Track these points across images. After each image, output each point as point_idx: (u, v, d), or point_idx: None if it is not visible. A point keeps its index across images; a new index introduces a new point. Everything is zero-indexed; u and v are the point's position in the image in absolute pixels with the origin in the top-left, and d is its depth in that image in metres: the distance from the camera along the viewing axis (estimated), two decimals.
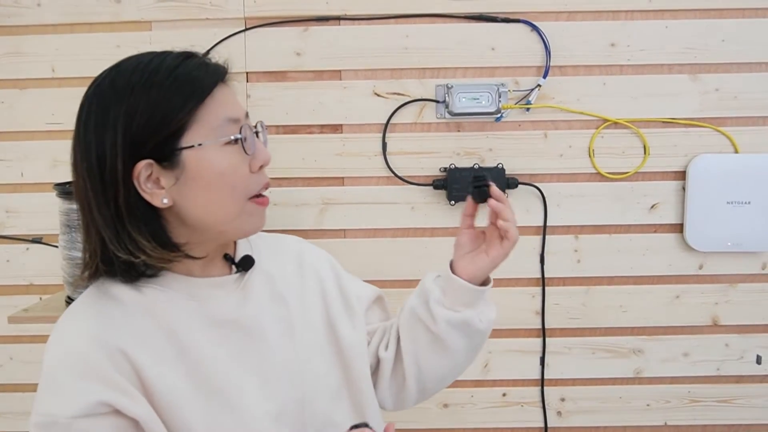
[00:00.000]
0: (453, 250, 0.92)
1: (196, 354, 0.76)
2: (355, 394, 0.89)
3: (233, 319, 0.80)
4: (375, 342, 0.97)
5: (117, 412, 0.70)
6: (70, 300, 1.35)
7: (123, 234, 0.73)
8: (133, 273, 0.76)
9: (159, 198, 0.73)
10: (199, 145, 0.73)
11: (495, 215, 0.88)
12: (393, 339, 0.96)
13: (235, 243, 0.88)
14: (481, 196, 0.87)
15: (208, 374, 0.76)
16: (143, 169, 0.72)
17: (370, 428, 0.73)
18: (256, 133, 0.81)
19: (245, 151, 0.76)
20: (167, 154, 0.72)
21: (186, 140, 0.73)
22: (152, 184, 0.73)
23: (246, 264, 0.85)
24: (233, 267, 0.85)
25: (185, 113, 0.72)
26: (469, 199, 0.90)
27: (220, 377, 0.77)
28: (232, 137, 0.75)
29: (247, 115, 0.80)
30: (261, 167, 0.79)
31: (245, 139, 0.76)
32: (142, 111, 0.71)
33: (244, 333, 0.81)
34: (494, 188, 0.86)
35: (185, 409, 0.73)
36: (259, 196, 0.79)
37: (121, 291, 0.77)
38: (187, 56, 0.76)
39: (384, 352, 0.95)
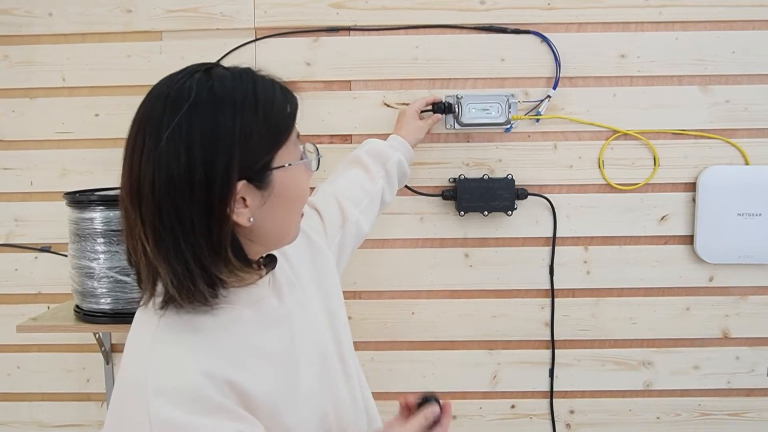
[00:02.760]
0: (407, 121, 1.36)
1: (275, 358, 0.80)
2: (345, 363, 0.95)
3: (281, 315, 0.84)
4: (357, 225, 1.13)
5: None
6: (78, 309, 1.35)
7: (222, 257, 0.72)
8: (211, 298, 0.74)
9: (245, 217, 0.73)
10: (289, 165, 0.75)
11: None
12: (375, 207, 1.19)
13: None
14: (443, 111, 1.43)
15: (288, 374, 0.80)
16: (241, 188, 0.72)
17: (438, 401, 0.84)
18: None
19: (310, 167, 0.81)
20: (261, 175, 0.73)
21: (277, 161, 0.74)
22: (239, 204, 0.72)
23: (273, 261, 0.86)
24: (263, 267, 0.86)
25: (285, 137, 0.75)
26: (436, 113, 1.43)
27: (293, 373, 0.81)
28: (313, 158, 0.81)
29: None
30: None
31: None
32: (256, 133, 0.72)
33: (290, 326, 0.85)
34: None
35: (281, 411, 0.77)
36: None
37: (197, 318, 0.75)
38: (265, 76, 0.77)
39: (367, 227, 1.16)
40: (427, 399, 0.84)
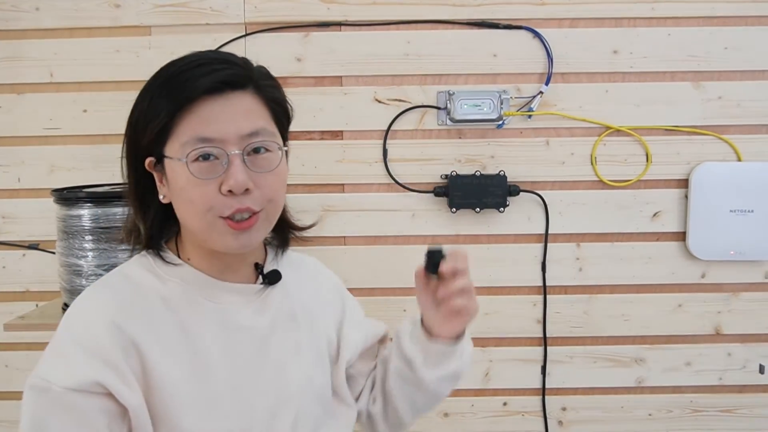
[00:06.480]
0: (420, 309, 0.92)
1: (206, 356, 0.77)
2: (326, 407, 0.88)
3: (247, 327, 0.81)
4: (366, 395, 0.98)
5: (110, 395, 0.70)
6: (66, 307, 1.34)
7: (147, 220, 0.81)
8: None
9: (161, 193, 0.78)
10: (169, 158, 0.75)
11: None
12: (379, 392, 0.96)
13: (265, 252, 0.89)
14: (434, 268, 0.84)
15: (213, 378, 0.77)
16: (152, 164, 0.77)
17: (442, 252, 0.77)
18: (253, 152, 0.76)
19: (192, 172, 0.72)
20: (157, 158, 0.76)
21: (167, 149, 0.75)
22: (157, 177, 0.78)
23: (273, 278, 0.85)
24: (260, 277, 0.85)
25: (161, 121, 0.73)
26: (422, 268, 0.87)
27: (223, 384, 0.77)
28: (185, 158, 0.72)
29: (256, 133, 0.76)
30: (231, 191, 0.73)
31: (204, 158, 0.72)
32: (138, 112, 0.76)
33: (255, 343, 0.81)
34: (446, 266, 0.82)
35: (183, 407, 0.74)
36: (231, 218, 0.74)
37: (144, 278, 0.79)
38: (204, 63, 0.74)
39: (373, 407, 0.97)
40: (431, 252, 0.79)
